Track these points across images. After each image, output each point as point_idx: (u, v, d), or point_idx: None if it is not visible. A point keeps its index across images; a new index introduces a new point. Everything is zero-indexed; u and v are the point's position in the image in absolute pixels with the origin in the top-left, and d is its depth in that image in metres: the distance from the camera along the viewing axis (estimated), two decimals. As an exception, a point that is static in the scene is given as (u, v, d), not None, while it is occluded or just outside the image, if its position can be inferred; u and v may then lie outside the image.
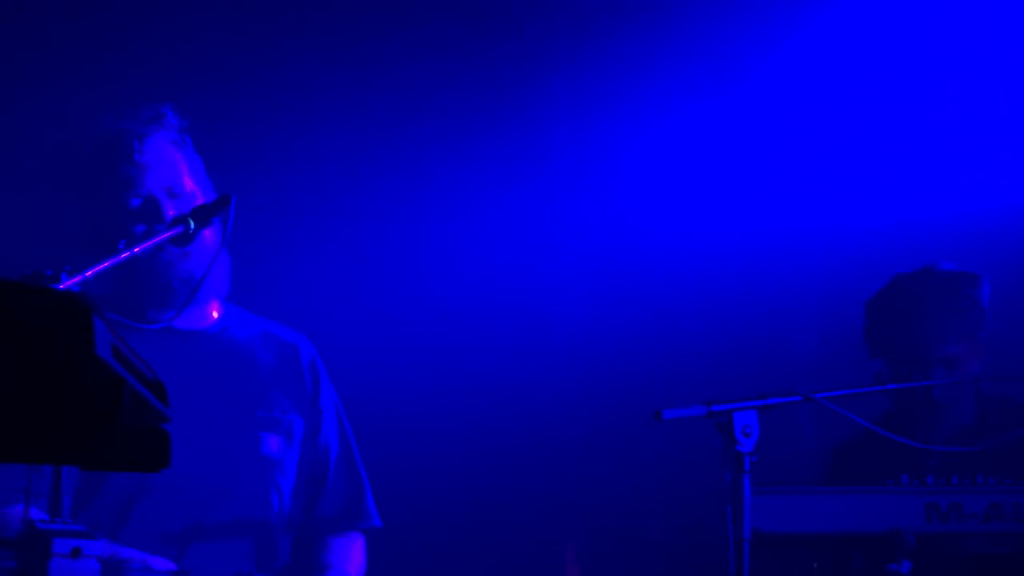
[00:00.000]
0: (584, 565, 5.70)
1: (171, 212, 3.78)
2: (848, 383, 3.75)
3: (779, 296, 5.82)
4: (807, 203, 5.81)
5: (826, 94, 5.79)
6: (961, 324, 4.49)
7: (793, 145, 5.83)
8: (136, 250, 3.39)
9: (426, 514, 5.38)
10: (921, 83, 5.72)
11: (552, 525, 5.74)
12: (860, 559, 3.83)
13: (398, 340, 5.56)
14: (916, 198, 5.68)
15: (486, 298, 5.71)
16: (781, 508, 3.59)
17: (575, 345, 5.83)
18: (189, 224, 3.54)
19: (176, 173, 3.88)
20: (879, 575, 3.59)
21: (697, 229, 5.83)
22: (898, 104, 5.75)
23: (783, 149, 5.84)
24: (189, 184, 3.89)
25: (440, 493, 5.50)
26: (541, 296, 5.84)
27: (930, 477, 3.69)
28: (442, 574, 3.66)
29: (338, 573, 3.97)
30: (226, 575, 3.47)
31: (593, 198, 5.89)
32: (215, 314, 4.00)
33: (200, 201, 3.79)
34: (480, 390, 5.56)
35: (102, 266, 3.25)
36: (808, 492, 3.70)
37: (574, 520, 5.76)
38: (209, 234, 3.68)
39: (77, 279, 3.14)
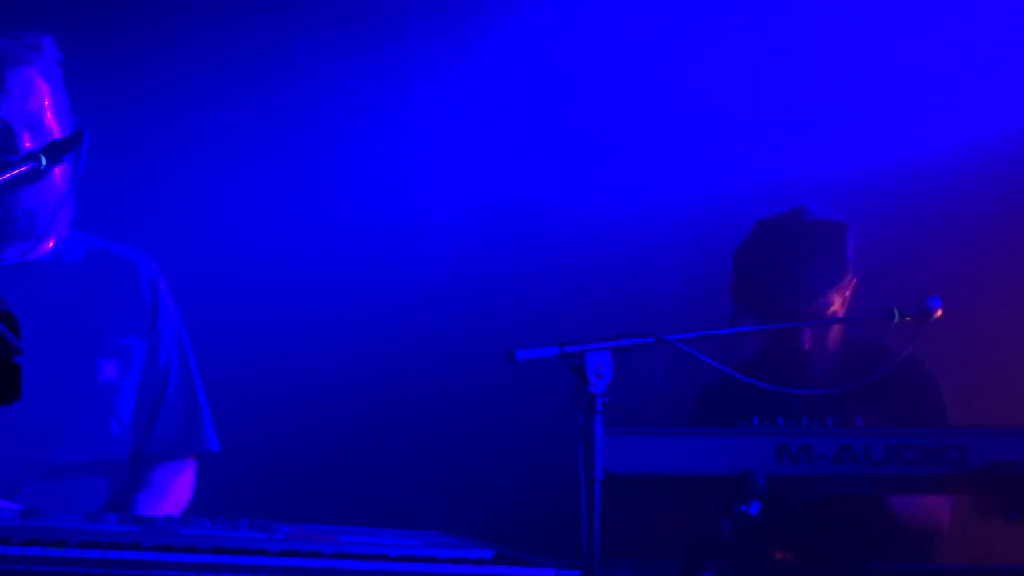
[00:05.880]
0: (434, 506, 5.73)
1: (27, 145, 3.67)
2: (707, 327, 3.77)
3: (639, 241, 5.86)
4: (671, 148, 5.85)
5: (699, 35, 5.82)
6: (829, 275, 4.54)
7: (662, 90, 5.87)
8: (-16, 183, 3.32)
9: (274, 441, 5.42)
10: (787, 34, 5.78)
11: (402, 463, 5.76)
12: (711, 501, 3.86)
13: (251, 265, 5.57)
14: (781, 149, 5.74)
15: (342, 235, 5.72)
16: (632, 449, 3.61)
17: (430, 284, 5.85)
18: (41, 160, 3.46)
19: (39, 106, 3.76)
20: (729, 516, 3.63)
21: (557, 170, 5.86)
22: (766, 54, 5.81)
23: (652, 93, 5.87)
24: (49, 118, 3.77)
25: (289, 422, 5.52)
26: (394, 235, 5.85)
27: (780, 419, 3.73)
28: (287, 503, 3.66)
29: (150, 506, 3.83)
30: (72, 512, 3.39)
31: (449, 142, 5.90)
32: (50, 244, 3.85)
33: (57, 137, 3.70)
34: (332, 325, 5.59)
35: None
36: (659, 433, 3.71)
37: (423, 457, 5.80)
38: (59, 170, 3.60)
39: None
